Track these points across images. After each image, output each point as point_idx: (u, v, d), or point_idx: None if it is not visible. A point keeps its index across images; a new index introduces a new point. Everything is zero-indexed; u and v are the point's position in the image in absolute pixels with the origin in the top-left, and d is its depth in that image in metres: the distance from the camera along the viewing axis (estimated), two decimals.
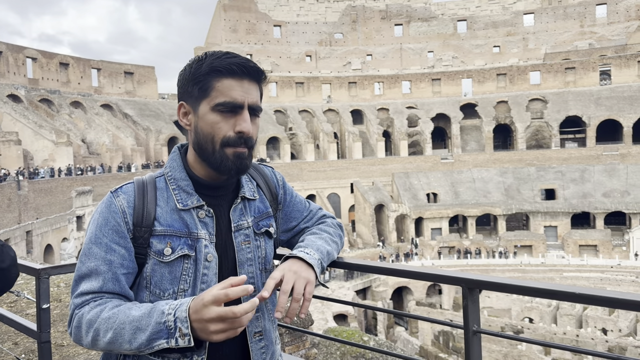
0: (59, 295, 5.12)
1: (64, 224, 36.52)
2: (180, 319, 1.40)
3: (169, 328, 1.41)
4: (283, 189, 2.01)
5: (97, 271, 1.56)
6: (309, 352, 4.38)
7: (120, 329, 1.44)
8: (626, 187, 53.73)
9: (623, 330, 34.51)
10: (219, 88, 1.61)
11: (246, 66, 1.62)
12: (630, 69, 63.97)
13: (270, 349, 1.79)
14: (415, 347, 34.85)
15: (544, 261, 47.02)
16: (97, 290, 1.55)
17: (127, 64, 63.72)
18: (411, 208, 54.67)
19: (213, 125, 1.62)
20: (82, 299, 1.55)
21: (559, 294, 1.79)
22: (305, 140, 64.11)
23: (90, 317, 1.50)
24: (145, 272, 1.64)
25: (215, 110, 1.62)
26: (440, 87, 70.62)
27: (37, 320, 2.66)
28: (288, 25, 75.85)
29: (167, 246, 1.62)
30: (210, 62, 1.62)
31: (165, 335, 1.41)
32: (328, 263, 1.89)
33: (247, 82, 1.63)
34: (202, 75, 1.62)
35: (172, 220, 1.65)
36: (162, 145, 56.41)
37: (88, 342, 1.50)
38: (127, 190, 1.67)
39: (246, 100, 1.63)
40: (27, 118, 43.95)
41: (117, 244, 1.59)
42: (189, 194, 1.68)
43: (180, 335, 1.39)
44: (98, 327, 1.47)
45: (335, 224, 2.08)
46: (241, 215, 1.77)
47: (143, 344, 1.42)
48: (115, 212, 1.62)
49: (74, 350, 3.81)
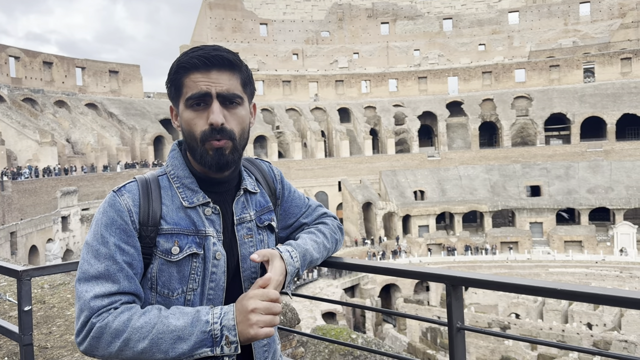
0: (43, 297, 5.06)
1: (49, 225, 36.10)
2: (227, 327, 1.43)
3: (214, 337, 1.42)
4: (281, 184, 1.99)
5: (108, 272, 1.51)
6: (295, 350, 4.38)
7: (158, 339, 1.42)
8: (610, 183, 54.43)
9: (608, 325, 34.96)
10: (187, 84, 1.60)
11: (208, 57, 1.58)
12: (613, 66, 64.75)
13: (272, 347, 1.77)
14: (404, 343, 35.01)
15: (530, 257, 47.48)
16: (114, 292, 1.49)
17: (112, 63, 63.13)
18: (398, 206, 54.88)
19: (189, 122, 1.61)
20: (99, 304, 1.47)
21: (542, 290, 1.81)
22: (292, 139, 64.04)
23: (117, 326, 1.43)
24: (150, 272, 1.60)
25: (188, 106, 1.61)
26: (427, 85, 70.92)
27: (19, 322, 2.62)
28: (274, 24, 75.67)
29: (174, 245, 1.59)
30: (178, 60, 1.61)
31: (210, 344, 1.42)
32: (306, 269, 1.85)
33: (215, 73, 1.59)
34: (173, 75, 1.62)
35: (179, 219, 1.62)
36: (147, 145, 55.96)
37: (110, 352, 1.44)
38: (131, 188, 1.64)
39: (213, 89, 1.58)
40: (10, 118, 43.35)
41: (126, 243, 1.55)
42: (194, 191, 1.66)
43: (226, 344, 1.42)
44: (129, 337, 1.42)
45: (335, 226, 2.06)
46: (243, 208, 1.75)
47: (184, 353, 1.42)
48: (121, 210, 1.58)
49: (57, 353, 3.77)
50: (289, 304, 4.52)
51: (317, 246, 1.88)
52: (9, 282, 5.49)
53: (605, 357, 1.78)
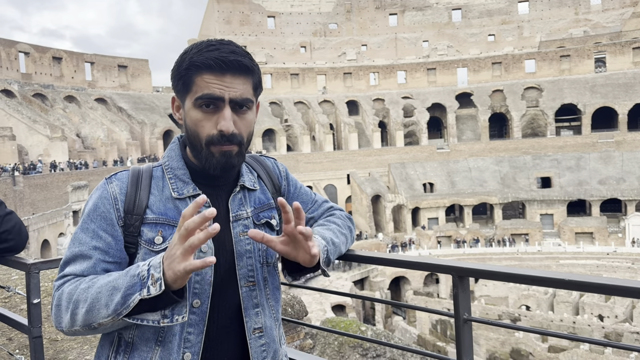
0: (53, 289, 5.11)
1: (60, 219, 36.44)
2: (153, 265, 1.37)
3: (142, 279, 1.37)
4: (286, 180, 1.95)
5: (82, 256, 1.53)
6: (303, 342, 4.39)
7: (97, 294, 1.41)
8: (622, 174, 53.90)
9: (619, 317, 34.74)
10: (198, 83, 1.56)
11: (225, 61, 1.53)
12: (625, 56, 63.94)
13: (272, 348, 1.71)
14: (413, 336, 35.06)
15: (541, 249, 47.22)
16: (79, 273, 1.52)
17: (121, 57, 63.34)
18: (408, 198, 54.74)
19: (196, 123, 1.59)
20: (63, 280, 1.51)
21: (549, 280, 1.79)
22: (301, 132, 63.99)
23: (69, 290, 1.46)
24: (136, 262, 1.59)
25: (197, 105, 1.57)
26: (436, 77, 70.46)
27: (28, 315, 2.64)
28: (282, 16, 75.45)
29: (158, 235, 1.58)
30: (190, 56, 1.57)
31: (139, 287, 1.37)
32: (336, 255, 1.81)
33: (229, 77, 1.55)
34: (184, 70, 1.57)
35: (166, 209, 1.61)
36: (157, 139, 56.20)
37: (67, 320, 1.44)
38: (121, 177, 1.64)
39: (226, 94, 1.55)
40: (20, 113, 43.70)
41: (104, 230, 1.56)
42: (185, 182, 1.65)
43: (152, 283, 1.35)
44: (77, 299, 1.43)
45: (344, 216, 2.01)
46: (240, 205, 1.72)
47: (119, 302, 1.37)
48: (106, 198, 1.59)
49: (68, 345, 3.81)
50: (297, 296, 4.52)
51: (332, 233, 1.84)
52: (20, 275, 5.55)
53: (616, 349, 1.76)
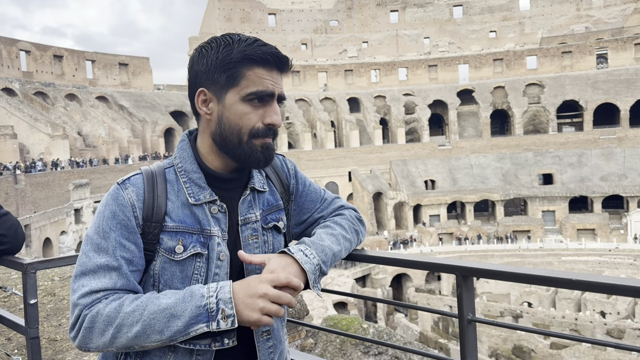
0: (53, 289, 5.08)
1: (62, 217, 36.50)
2: (223, 300, 1.36)
3: (210, 311, 1.35)
4: (295, 179, 1.89)
5: (107, 267, 1.45)
6: (305, 342, 4.35)
7: (151, 320, 1.36)
8: (624, 170, 53.80)
9: (621, 313, 34.71)
10: (250, 77, 1.53)
11: (280, 57, 1.56)
12: (627, 52, 63.77)
13: (279, 348, 1.69)
14: (415, 333, 35.04)
15: (542, 246, 47.19)
16: (110, 287, 1.43)
17: (121, 55, 63.29)
18: (409, 195, 54.71)
19: (242, 116, 1.54)
20: (92, 298, 1.41)
21: (555, 280, 1.75)
22: (302, 130, 63.95)
23: (108, 313, 1.37)
24: (152, 269, 1.54)
25: (246, 100, 1.54)
26: (437, 74, 70.36)
27: (25, 315, 2.61)
28: (283, 13, 75.33)
29: (178, 243, 1.52)
30: (242, 49, 1.52)
31: (205, 319, 1.35)
32: (333, 264, 1.74)
33: (276, 72, 1.58)
34: (233, 63, 1.52)
35: (184, 216, 1.55)
36: (158, 137, 56.20)
37: (104, 342, 1.38)
38: (136, 182, 1.55)
39: (276, 90, 1.58)
40: (22, 111, 43.70)
41: (127, 239, 1.49)
42: (201, 187, 1.58)
43: (222, 317, 1.35)
44: (121, 323, 1.36)
45: (353, 217, 1.96)
46: (249, 208, 1.67)
47: (179, 331, 1.35)
48: (124, 205, 1.50)
49: (67, 345, 3.78)
50: (297, 296, 4.48)
51: (335, 239, 1.76)
52: (20, 274, 5.52)
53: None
